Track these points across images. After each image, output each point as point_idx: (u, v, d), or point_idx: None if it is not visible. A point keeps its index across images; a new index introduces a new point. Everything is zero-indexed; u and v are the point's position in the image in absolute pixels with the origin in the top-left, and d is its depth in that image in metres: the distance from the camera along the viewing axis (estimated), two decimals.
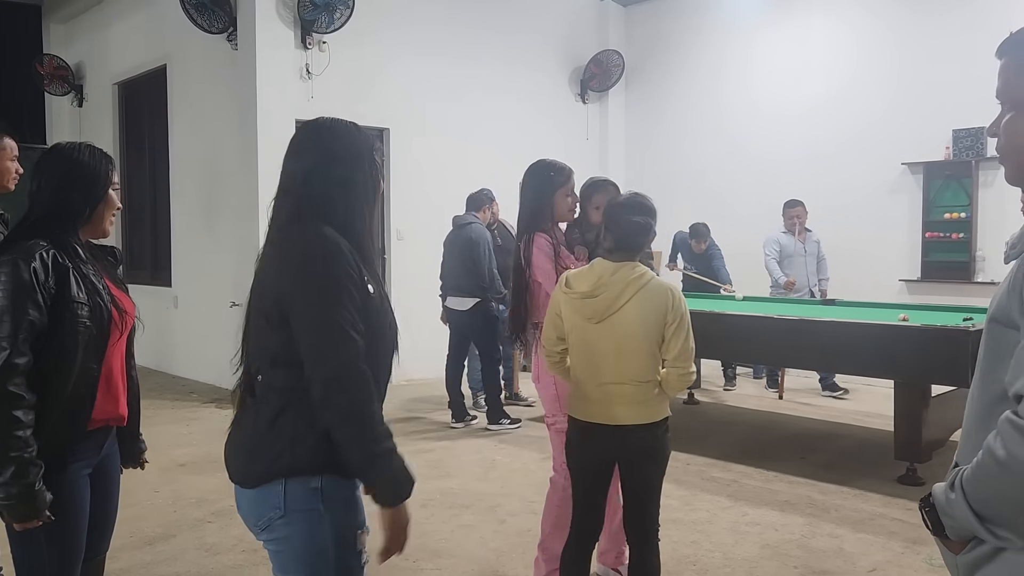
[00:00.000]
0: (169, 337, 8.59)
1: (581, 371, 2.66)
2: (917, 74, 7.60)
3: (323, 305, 1.64)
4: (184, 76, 8.29)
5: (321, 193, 1.75)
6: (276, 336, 1.69)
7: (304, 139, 1.85)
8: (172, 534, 3.96)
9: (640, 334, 2.56)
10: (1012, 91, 1.37)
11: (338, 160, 1.78)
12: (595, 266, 2.65)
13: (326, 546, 1.73)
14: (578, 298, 2.61)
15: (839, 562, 3.61)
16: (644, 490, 2.66)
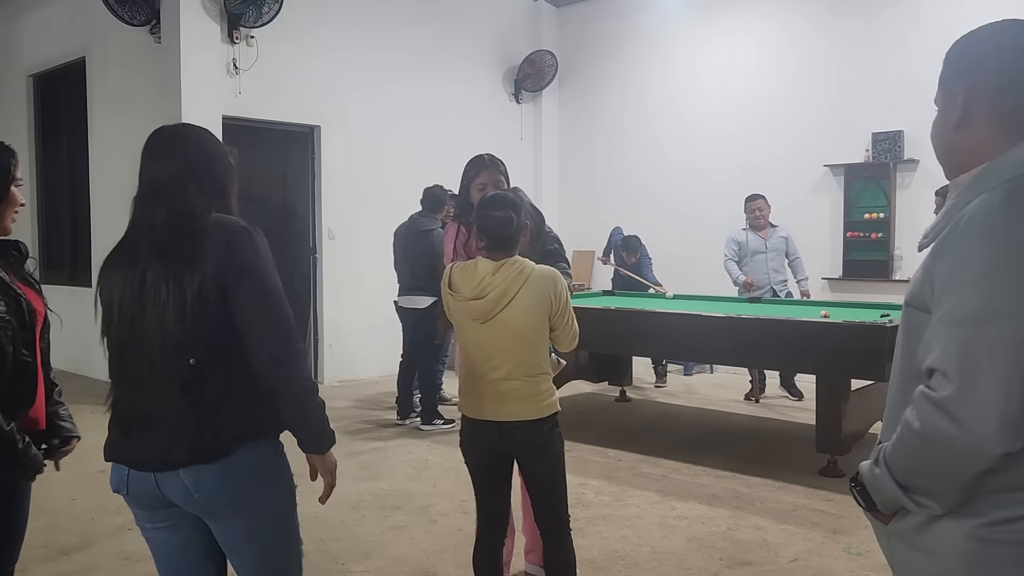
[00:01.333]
0: (90, 339, 8.24)
1: (470, 368, 2.65)
2: (838, 79, 7.86)
3: (266, 278, 1.84)
4: (104, 69, 8.01)
5: (210, 187, 1.91)
6: (214, 316, 1.80)
7: (172, 142, 1.95)
8: (89, 543, 3.82)
9: (529, 327, 2.57)
10: (937, 95, 1.53)
11: (214, 157, 1.94)
12: (478, 266, 2.62)
13: (291, 503, 1.99)
14: (463, 300, 2.59)
15: (763, 553, 3.70)
16: (542, 485, 2.68)
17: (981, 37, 1.41)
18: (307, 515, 4.15)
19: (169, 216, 1.85)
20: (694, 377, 8.28)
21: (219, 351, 1.81)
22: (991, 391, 1.19)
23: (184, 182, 1.87)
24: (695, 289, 7.23)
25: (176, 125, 2.02)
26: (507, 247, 2.61)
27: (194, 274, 1.79)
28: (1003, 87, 1.36)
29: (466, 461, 2.76)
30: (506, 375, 2.57)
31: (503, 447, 2.63)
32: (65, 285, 8.78)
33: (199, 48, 6.90)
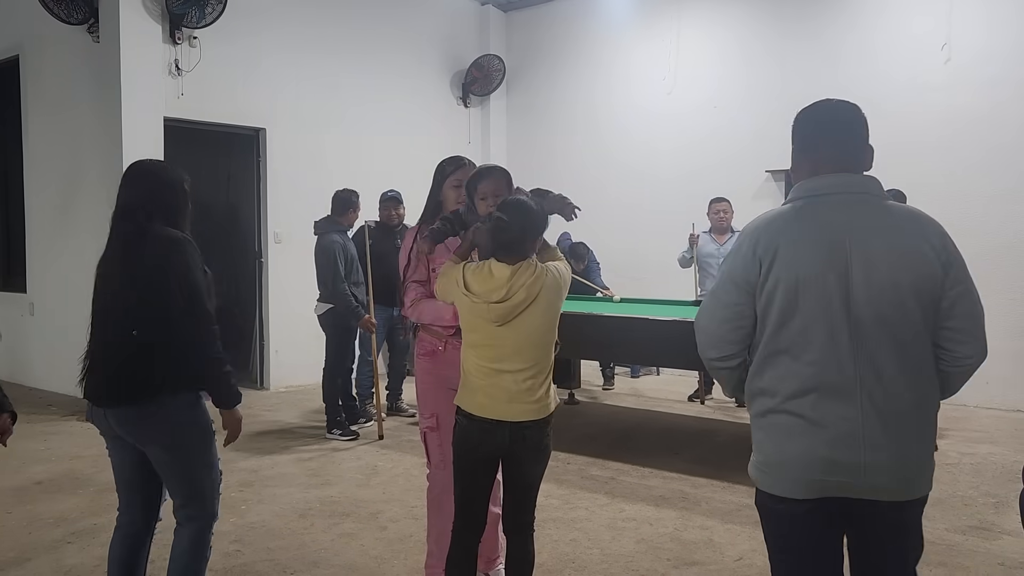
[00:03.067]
0: (24, 346, 8.03)
1: (480, 368, 2.64)
2: (779, 85, 8.05)
3: (190, 275, 2.54)
4: (39, 69, 7.78)
5: (164, 210, 2.60)
6: (151, 302, 2.51)
7: (137, 174, 2.66)
8: (27, 558, 3.70)
9: (545, 328, 2.65)
10: None
11: (168, 187, 2.64)
12: (492, 269, 2.61)
13: (205, 443, 2.68)
14: (481, 302, 2.59)
15: (709, 553, 3.77)
16: (531, 486, 2.73)
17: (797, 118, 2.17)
18: (255, 524, 4.13)
19: (129, 231, 2.57)
20: (641, 379, 8.39)
21: (151, 327, 2.50)
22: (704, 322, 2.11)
23: (142, 206, 2.56)
24: (642, 293, 7.33)
25: (143, 161, 2.74)
26: (523, 252, 2.63)
27: (140, 271, 2.52)
28: (798, 150, 2.13)
29: (462, 460, 2.71)
30: (522, 375, 2.61)
31: (510, 448, 2.64)
32: None
33: (139, 48, 6.75)
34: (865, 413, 1.91)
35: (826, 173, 2.03)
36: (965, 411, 6.81)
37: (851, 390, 1.91)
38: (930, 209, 6.50)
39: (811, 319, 1.93)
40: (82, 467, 5.15)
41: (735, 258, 2.05)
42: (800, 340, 1.95)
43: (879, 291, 1.92)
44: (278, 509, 4.38)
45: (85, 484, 4.81)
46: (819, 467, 1.93)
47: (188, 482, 2.63)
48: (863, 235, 1.94)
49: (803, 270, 1.94)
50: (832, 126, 2.10)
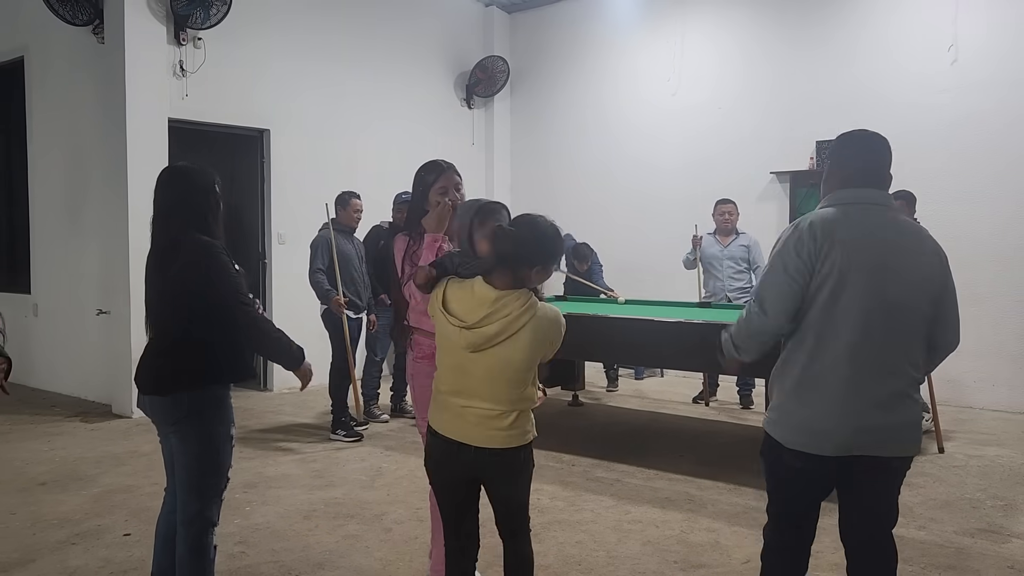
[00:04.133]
0: (28, 347, 8.02)
1: (449, 391, 2.51)
2: (785, 87, 8.04)
3: (215, 275, 2.69)
4: (44, 70, 7.78)
5: (194, 214, 2.75)
6: (182, 301, 2.68)
7: (170, 179, 2.80)
8: (31, 559, 3.69)
9: (521, 366, 2.43)
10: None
11: (199, 191, 2.77)
12: (475, 289, 2.43)
13: (218, 440, 2.79)
14: (455, 324, 2.43)
15: (716, 555, 3.75)
16: (511, 502, 2.58)
17: (836, 140, 2.56)
18: (259, 526, 4.11)
19: (163, 234, 2.75)
20: (645, 381, 8.37)
21: (179, 326, 2.68)
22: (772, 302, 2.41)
23: (175, 212, 2.74)
24: (647, 294, 7.31)
25: (176, 165, 2.91)
26: (519, 277, 2.41)
27: (174, 275, 2.67)
28: (833, 165, 2.52)
29: (432, 477, 2.62)
30: (488, 405, 2.44)
31: (474, 472, 2.51)
32: (2, 292, 8.50)
33: (144, 49, 6.74)
34: (884, 387, 2.34)
35: (854, 187, 2.42)
36: (972, 413, 6.79)
37: (878, 368, 2.33)
38: (937, 210, 6.58)
39: (852, 303, 2.32)
40: (86, 468, 5.14)
41: (797, 245, 2.37)
42: (840, 322, 2.33)
43: (905, 287, 2.34)
44: (282, 511, 4.37)
45: (89, 485, 4.80)
46: (846, 429, 2.34)
47: (190, 479, 2.72)
48: (893, 240, 2.37)
49: (852, 262, 2.32)
50: (866, 149, 2.48)
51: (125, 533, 3.99)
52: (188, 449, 2.70)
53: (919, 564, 3.64)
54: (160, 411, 2.72)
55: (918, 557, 3.72)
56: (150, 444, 5.56)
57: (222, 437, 2.73)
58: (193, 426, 2.68)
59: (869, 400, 2.33)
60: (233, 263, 2.73)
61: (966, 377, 6.94)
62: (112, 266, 6.83)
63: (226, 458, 2.76)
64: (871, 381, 2.34)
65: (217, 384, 2.71)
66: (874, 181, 2.43)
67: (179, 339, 2.69)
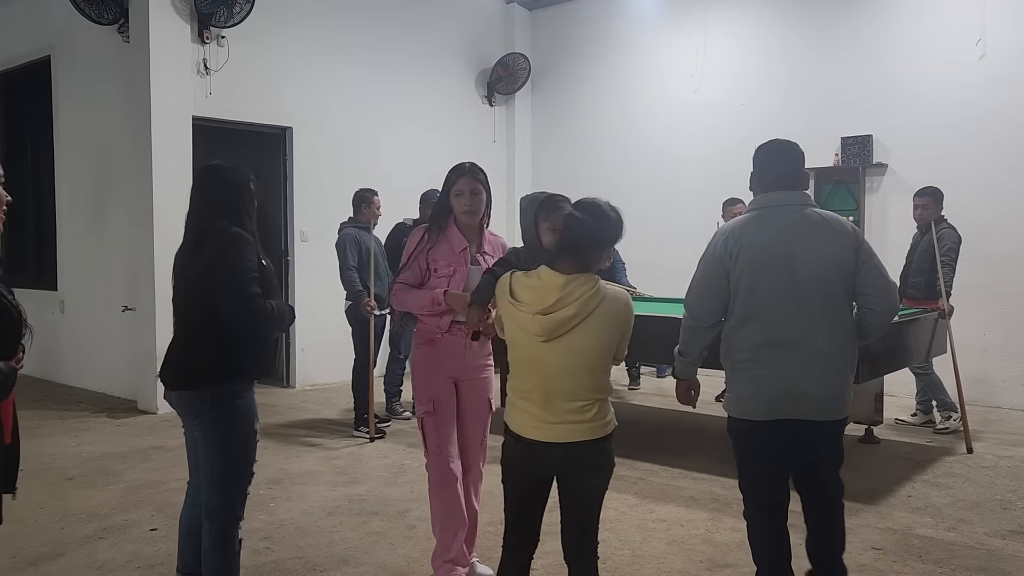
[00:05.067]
0: (55, 344, 8.12)
1: (526, 392, 2.47)
2: (809, 83, 7.96)
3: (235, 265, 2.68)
4: (71, 68, 7.86)
5: (228, 209, 2.77)
6: (206, 293, 2.66)
7: (205, 176, 2.86)
8: (59, 553, 3.73)
9: (597, 351, 2.43)
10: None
11: (233, 188, 2.81)
12: (543, 275, 2.43)
13: (242, 434, 2.80)
14: (527, 313, 2.40)
15: (742, 555, 3.71)
16: (592, 503, 2.52)
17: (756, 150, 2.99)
18: (283, 522, 4.13)
19: (195, 229, 2.77)
20: (667, 379, 8.32)
21: (203, 320, 2.66)
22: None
23: (209, 206, 2.76)
24: (669, 292, 7.25)
25: (213, 163, 2.90)
26: (586, 263, 2.43)
27: (200, 267, 2.67)
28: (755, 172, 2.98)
29: (512, 482, 2.55)
30: (570, 396, 2.42)
31: (561, 467, 2.47)
32: (30, 288, 8.59)
33: (168, 48, 6.79)
34: (805, 359, 2.75)
35: (774, 190, 2.88)
36: (1001, 413, 6.69)
37: (797, 343, 2.75)
38: (965, 207, 6.54)
39: (766, 294, 2.77)
40: (112, 463, 5.19)
41: (714, 252, 2.87)
42: (760, 309, 2.77)
43: (813, 272, 2.75)
44: (306, 507, 4.38)
45: (115, 480, 4.85)
46: (776, 398, 2.78)
47: (214, 472, 2.74)
48: (801, 233, 2.78)
49: (760, 260, 2.78)
50: (780, 157, 2.92)
51: (151, 528, 4.03)
52: (212, 442, 2.71)
53: (949, 566, 3.59)
54: (185, 404, 2.74)
55: (948, 559, 3.67)
56: (175, 440, 5.60)
57: (246, 431, 2.75)
58: (217, 419, 2.69)
59: (791, 372, 2.74)
60: (263, 259, 2.73)
61: (995, 376, 6.84)
62: (137, 263, 6.89)
63: (250, 452, 2.77)
64: (791, 355, 2.75)
65: (240, 379, 2.73)
66: (789, 184, 2.89)
67: (204, 334, 2.68)
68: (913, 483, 4.80)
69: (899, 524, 4.11)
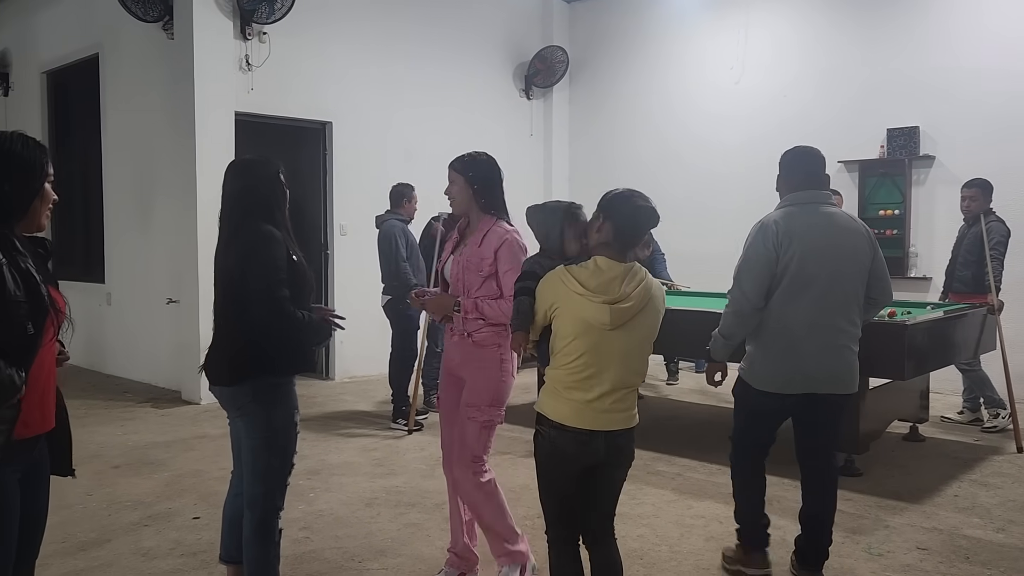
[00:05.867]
0: (102, 335, 8.31)
1: (578, 382, 2.48)
2: (853, 73, 7.80)
3: (259, 266, 2.68)
4: (117, 66, 8.02)
5: (258, 204, 2.78)
6: (239, 288, 2.69)
7: (235, 171, 2.87)
8: (106, 539, 3.82)
9: (649, 338, 2.53)
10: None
11: (263, 181, 2.82)
12: (601, 266, 2.47)
13: (281, 426, 2.82)
14: (599, 301, 2.41)
15: (782, 553, 3.66)
16: (618, 492, 2.65)
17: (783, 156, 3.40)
18: (322, 512, 4.18)
19: (227, 226, 2.80)
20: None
21: (238, 316, 2.69)
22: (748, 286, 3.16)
23: (239, 202, 2.78)
24: (709, 286, 7.18)
25: (243, 158, 2.99)
26: (629, 255, 2.51)
27: (231, 260, 2.72)
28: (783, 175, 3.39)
29: (557, 473, 2.56)
30: (619, 384, 2.48)
31: (603, 456, 2.51)
32: (78, 281, 8.80)
33: (212, 44, 6.89)
34: (836, 340, 3.14)
35: (803, 189, 3.23)
36: None
37: (830, 327, 3.13)
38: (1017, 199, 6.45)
39: (805, 282, 3.10)
40: (157, 453, 5.30)
41: (764, 241, 3.16)
42: (800, 297, 3.11)
43: (848, 263, 3.15)
44: (345, 498, 4.43)
45: (160, 469, 4.95)
46: (801, 375, 3.14)
47: (255, 463, 2.77)
48: (837, 227, 3.18)
49: (805, 251, 3.11)
50: (806, 161, 3.32)
51: (194, 516, 4.10)
52: (253, 433, 2.74)
53: (998, 568, 3.50)
54: (226, 397, 2.79)
55: (996, 560, 3.58)
56: (218, 430, 5.70)
57: (286, 422, 2.77)
58: (258, 411, 2.72)
59: (820, 351, 3.12)
60: (293, 255, 2.74)
61: None
62: (181, 257, 7.01)
63: (290, 443, 2.80)
64: (822, 337, 3.12)
65: (277, 375, 2.74)
66: (815, 184, 3.26)
67: (240, 329, 2.71)
68: (960, 483, 4.69)
69: (946, 524, 4.02)
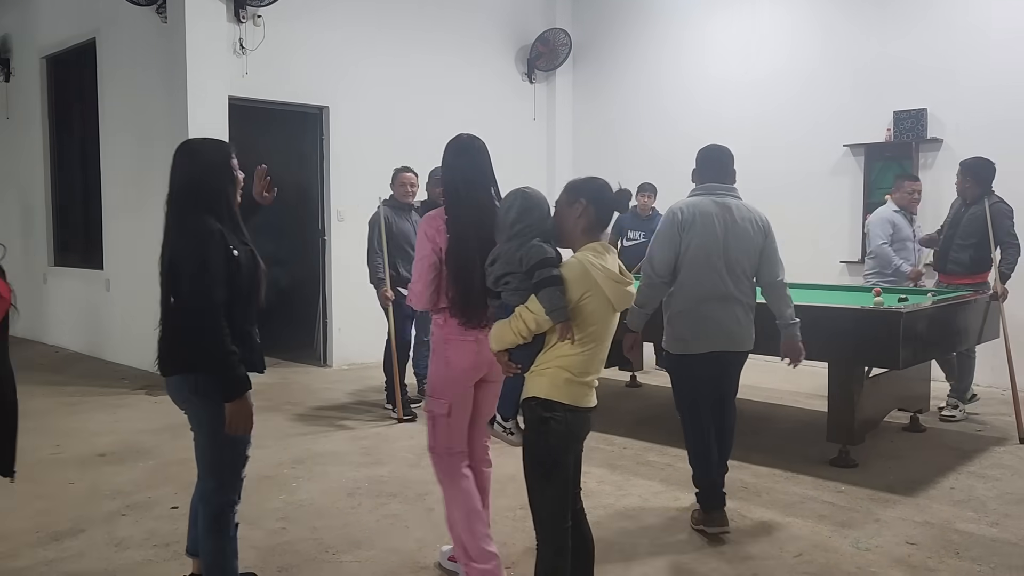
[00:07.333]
0: (100, 321, 8.31)
1: (596, 360, 2.54)
2: (859, 56, 7.62)
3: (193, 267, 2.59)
4: (114, 50, 7.96)
5: (206, 193, 2.67)
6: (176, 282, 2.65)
7: (185, 156, 2.72)
8: (81, 528, 3.78)
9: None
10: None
11: (213, 168, 2.70)
12: (605, 252, 2.52)
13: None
14: (623, 286, 2.49)
15: (766, 547, 3.58)
16: (580, 457, 2.68)
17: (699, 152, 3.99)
18: (302, 502, 4.13)
19: (170, 214, 2.71)
20: None
21: (176, 310, 2.64)
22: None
23: (183, 191, 2.68)
24: None
25: (190, 141, 2.82)
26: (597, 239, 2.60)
27: (169, 260, 2.65)
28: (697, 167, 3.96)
29: (567, 457, 2.53)
30: (603, 364, 2.60)
31: (588, 430, 2.63)
32: (77, 268, 8.81)
33: (205, 28, 6.81)
34: (728, 308, 3.69)
35: (709, 182, 3.84)
36: None
37: (726, 297, 3.68)
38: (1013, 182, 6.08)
39: (705, 260, 3.66)
40: (145, 440, 5.27)
41: (671, 225, 3.73)
42: (700, 272, 3.67)
43: (739, 246, 3.69)
44: (327, 487, 4.38)
45: (146, 457, 4.91)
46: (709, 338, 3.70)
47: (205, 456, 2.73)
48: (730, 216, 3.71)
49: (704, 234, 3.66)
50: (715, 157, 3.93)
51: (173, 506, 4.06)
52: (200, 427, 2.69)
53: (988, 564, 3.39)
54: (171, 390, 2.72)
55: (988, 556, 3.47)
56: None
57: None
58: (203, 403, 2.65)
59: (719, 317, 3.68)
60: (235, 250, 2.64)
61: None
62: None
63: (240, 436, 2.71)
64: (720, 305, 3.68)
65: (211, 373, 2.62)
66: (720, 178, 3.84)
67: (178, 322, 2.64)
68: (957, 474, 4.57)
69: (938, 518, 3.91)
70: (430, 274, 2.96)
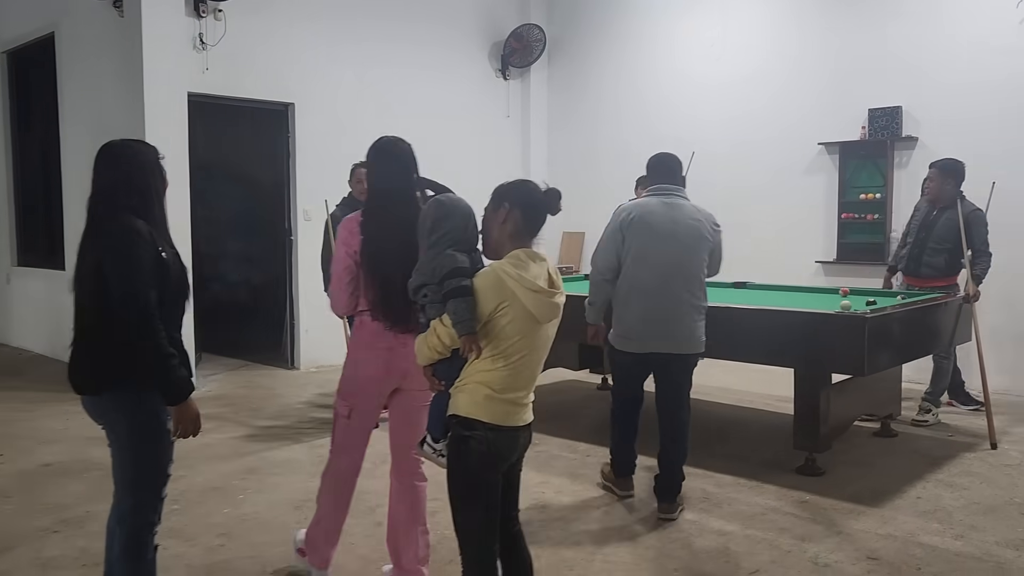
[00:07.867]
0: (63, 323, 8.07)
1: (522, 378, 2.37)
2: (834, 53, 7.50)
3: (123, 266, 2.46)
4: (73, 45, 7.75)
5: (136, 193, 2.56)
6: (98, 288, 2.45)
7: (110, 157, 2.62)
8: (9, 547, 3.60)
9: (556, 325, 2.45)
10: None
11: (140, 168, 2.59)
12: (532, 259, 2.35)
13: (150, 437, 2.60)
14: (546, 297, 2.31)
15: (722, 563, 3.44)
16: (518, 483, 2.58)
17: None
18: (246, 516, 3.96)
19: (93, 216, 2.57)
20: None
21: (97, 317, 2.46)
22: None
23: (107, 194, 2.56)
24: None
25: (112, 143, 2.68)
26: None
27: (88, 266, 2.49)
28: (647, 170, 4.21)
29: (489, 477, 2.37)
30: (534, 381, 2.45)
31: (520, 450, 2.48)
32: (40, 268, 8.60)
33: (162, 22, 6.60)
34: (671, 309, 3.77)
35: (660, 184, 3.97)
36: None
37: (667, 296, 3.76)
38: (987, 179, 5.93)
39: (649, 259, 3.79)
40: (93, 451, 5.08)
41: (615, 225, 3.87)
42: (642, 271, 3.78)
43: (685, 245, 3.80)
44: (275, 499, 4.23)
45: (93, 468, 4.74)
46: (649, 336, 3.81)
47: (123, 474, 2.58)
48: (678, 216, 3.84)
49: (649, 233, 3.80)
50: (664, 162, 4.09)
51: None
52: (120, 443, 2.55)
53: None
54: (89, 405, 2.57)
55: (949, 572, 3.35)
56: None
57: (155, 430, 2.55)
58: (120, 420, 2.52)
59: (665, 318, 3.77)
60: (163, 252, 2.53)
61: None
62: None
63: (162, 452, 2.58)
64: (666, 306, 3.78)
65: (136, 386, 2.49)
66: (668, 181, 3.98)
67: (97, 334, 2.49)
68: (925, 483, 4.46)
69: (902, 530, 3.79)
70: (345, 277, 2.94)
